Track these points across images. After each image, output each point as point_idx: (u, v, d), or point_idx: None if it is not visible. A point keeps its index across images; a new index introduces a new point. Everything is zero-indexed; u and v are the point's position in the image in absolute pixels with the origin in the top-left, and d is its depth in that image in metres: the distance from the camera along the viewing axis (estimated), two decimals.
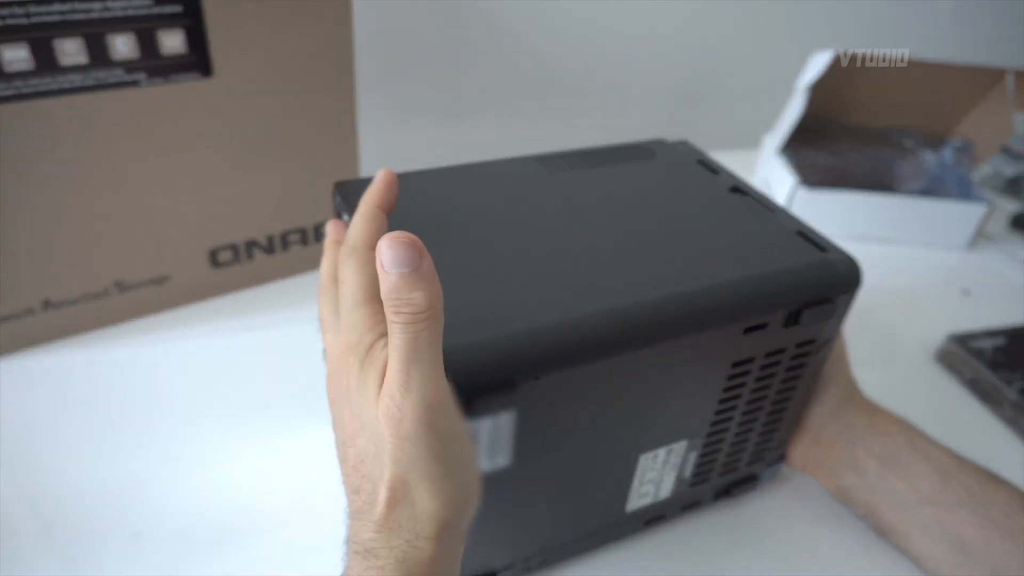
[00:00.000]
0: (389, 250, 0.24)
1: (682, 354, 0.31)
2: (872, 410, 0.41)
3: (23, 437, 0.44)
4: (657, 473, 0.37)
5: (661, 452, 0.36)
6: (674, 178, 0.40)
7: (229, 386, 0.49)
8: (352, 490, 0.28)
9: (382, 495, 0.26)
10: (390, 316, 0.25)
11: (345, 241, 0.31)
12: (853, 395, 0.41)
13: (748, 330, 0.32)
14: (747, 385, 0.35)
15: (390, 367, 0.25)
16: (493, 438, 0.28)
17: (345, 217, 0.36)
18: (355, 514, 0.27)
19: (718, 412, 0.36)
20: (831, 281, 0.34)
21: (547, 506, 0.34)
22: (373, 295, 0.29)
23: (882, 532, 0.40)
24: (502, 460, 0.30)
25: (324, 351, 0.34)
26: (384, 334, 0.27)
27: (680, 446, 0.36)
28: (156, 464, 0.43)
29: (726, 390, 0.35)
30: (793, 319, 0.33)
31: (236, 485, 0.42)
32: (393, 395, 0.25)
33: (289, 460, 0.43)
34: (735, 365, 0.34)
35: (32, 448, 0.43)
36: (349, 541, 0.27)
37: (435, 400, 0.25)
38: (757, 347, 0.34)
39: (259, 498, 0.41)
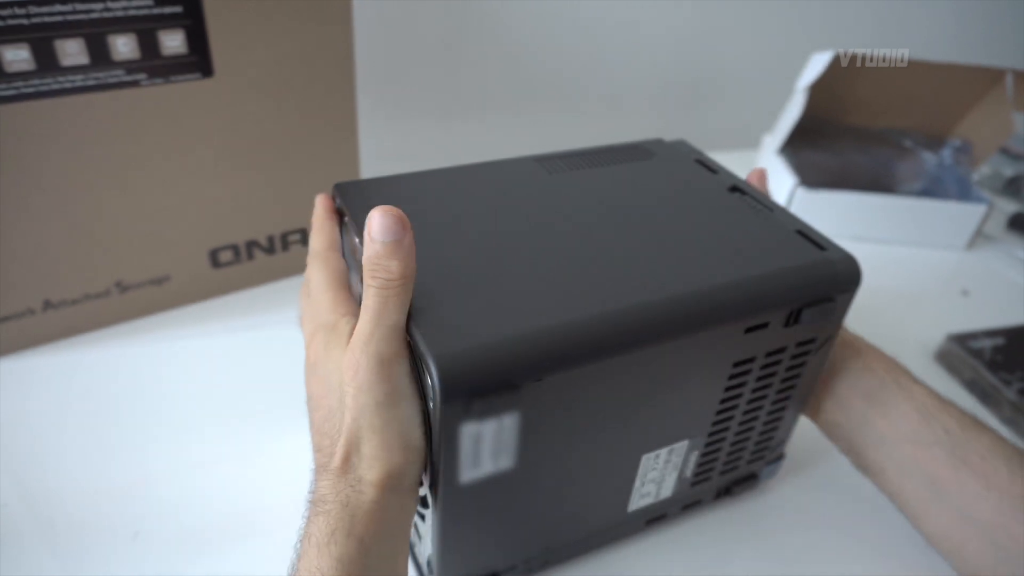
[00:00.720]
0: (379, 219, 0.27)
1: (684, 354, 0.31)
2: (859, 346, 0.40)
3: (24, 437, 0.44)
4: (659, 473, 0.37)
5: (663, 452, 0.36)
6: (673, 177, 0.40)
7: (229, 386, 0.49)
8: (316, 449, 0.30)
9: (340, 445, 0.28)
10: (367, 280, 0.28)
11: (309, 249, 0.36)
12: (839, 332, 0.41)
13: (749, 330, 0.32)
14: (748, 384, 0.35)
15: (358, 326, 0.28)
16: (496, 439, 0.28)
17: (345, 219, 0.36)
18: (317, 470, 0.29)
19: (719, 412, 0.36)
20: (831, 280, 0.34)
21: (549, 507, 0.34)
22: (338, 285, 0.33)
23: (861, 469, 0.40)
24: (505, 461, 0.30)
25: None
26: (348, 313, 0.31)
27: (681, 446, 0.36)
28: (156, 464, 0.43)
29: (727, 389, 0.35)
30: (794, 318, 0.33)
31: (236, 485, 0.42)
32: (354, 348, 0.28)
33: (290, 459, 0.43)
34: (736, 365, 0.34)
35: (33, 448, 0.43)
36: (309, 494, 0.29)
37: (389, 357, 0.28)
38: (758, 346, 0.34)
39: (259, 497, 0.42)
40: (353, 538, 0.27)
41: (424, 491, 0.32)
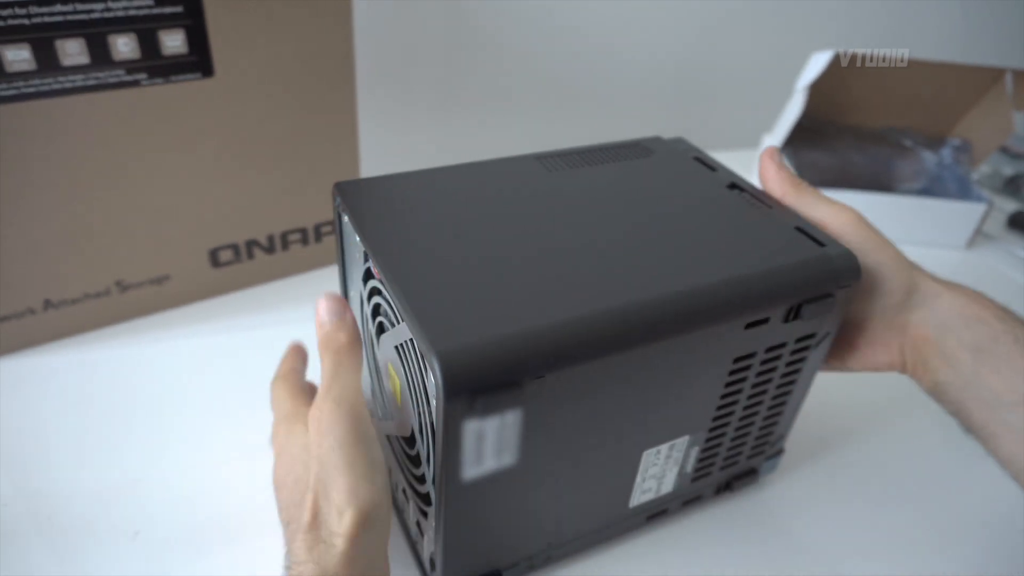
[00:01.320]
0: (324, 304, 0.32)
1: (685, 350, 0.32)
2: (956, 293, 0.36)
3: (23, 436, 0.44)
4: (659, 468, 0.37)
5: (663, 448, 0.36)
6: (672, 175, 0.40)
7: (230, 386, 0.49)
8: (286, 524, 0.31)
9: (308, 501, 0.29)
10: (322, 352, 0.31)
11: (275, 374, 0.39)
12: (919, 278, 0.36)
13: (749, 325, 0.32)
14: (748, 380, 0.35)
15: (320, 386, 0.31)
16: (499, 436, 0.28)
17: (345, 218, 0.36)
18: (289, 542, 0.30)
19: (720, 407, 0.36)
20: (830, 275, 0.34)
21: (552, 503, 0.34)
22: (299, 400, 0.36)
23: (969, 430, 0.36)
24: (507, 459, 0.30)
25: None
26: (307, 404, 0.34)
27: (682, 441, 0.36)
28: (156, 463, 0.43)
29: (727, 385, 0.35)
30: (793, 314, 0.33)
31: (236, 484, 0.42)
32: (317, 403, 0.30)
33: None
34: (736, 360, 0.34)
35: (32, 448, 0.43)
36: (285, 568, 0.29)
37: (348, 402, 0.30)
38: (758, 342, 0.34)
39: (259, 497, 0.41)
40: None
41: (427, 488, 0.32)
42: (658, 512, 0.40)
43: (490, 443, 0.29)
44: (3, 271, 0.46)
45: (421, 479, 0.34)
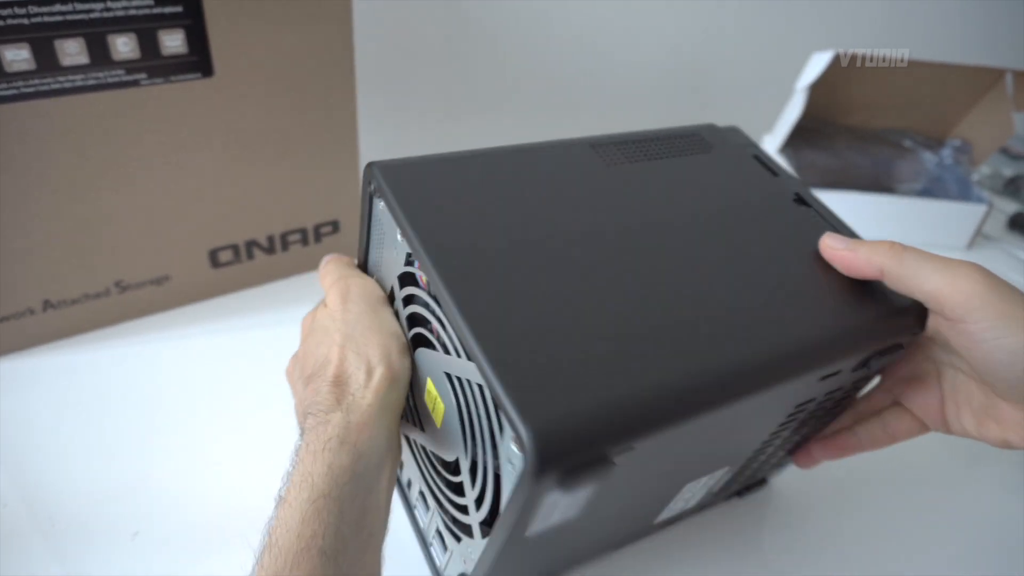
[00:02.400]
0: (326, 261, 0.36)
1: (761, 402, 0.30)
2: None
3: (24, 437, 0.44)
4: (693, 494, 0.37)
5: (704, 478, 0.36)
6: (737, 182, 0.37)
7: (229, 386, 0.49)
8: (308, 379, 0.31)
9: (334, 356, 0.30)
10: (328, 276, 0.35)
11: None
12: None
13: (824, 377, 0.31)
14: (800, 418, 0.35)
15: (331, 287, 0.34)
16: (573, 501, 0.26)
17: (381, 205, 0.32)
18: (313, 393, 0.30)
19: (765, 442, 0.35)
20: (904, 328, 0.32)
21: (591, 533, 0.34)
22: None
23: None
24: (572, 513, 0.28)
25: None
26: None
27: (722, 472, 0.36)
28: (156, 464, 0.43)
29: (781, 424, 0.34)
30: (863, 364, 0.32)
31: (236, 484, 0.42)
32: (339, 280, 0.33)
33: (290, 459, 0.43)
34: (798, 406, 0.33)
35: (33, 448, 0.43)
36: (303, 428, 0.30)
37: (367, 280, 0.34)
38: (823, 389, 0.33)
39: (259, 497, 0.41)
40: (347, 445, 0.28)
41: (469, 520, 0.31)
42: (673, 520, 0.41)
43: (562, 507, 0.26)
44: (3, 271, 0.46)
45: (462, 508, 0.32)
